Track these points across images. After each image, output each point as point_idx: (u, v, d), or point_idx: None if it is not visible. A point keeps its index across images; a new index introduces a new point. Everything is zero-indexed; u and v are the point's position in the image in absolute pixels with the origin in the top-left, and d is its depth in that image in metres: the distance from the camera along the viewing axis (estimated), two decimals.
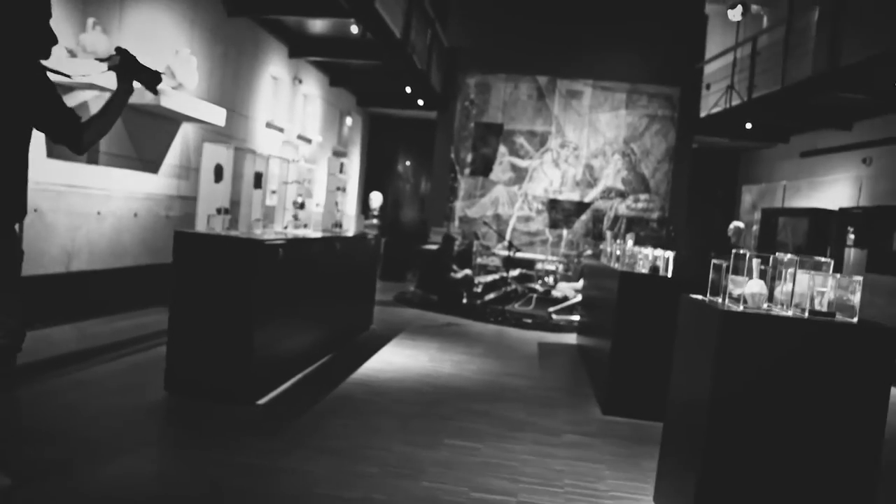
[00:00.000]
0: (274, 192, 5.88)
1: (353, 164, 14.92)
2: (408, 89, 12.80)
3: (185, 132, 8.26)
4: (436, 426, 4.58)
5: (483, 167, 14.62)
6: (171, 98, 6.86)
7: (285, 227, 6.08)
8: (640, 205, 14.49)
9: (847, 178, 11.52)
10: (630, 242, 6.73)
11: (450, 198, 14.64)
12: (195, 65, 7.58)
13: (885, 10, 9.46)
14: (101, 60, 4.12)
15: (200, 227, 4.81)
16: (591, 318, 7.50)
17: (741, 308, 3.00)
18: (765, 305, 3.06)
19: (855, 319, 2.94)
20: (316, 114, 12.49)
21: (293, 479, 3.44)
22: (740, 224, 11.26)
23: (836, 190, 11.82)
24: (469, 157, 14.65)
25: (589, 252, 13.61)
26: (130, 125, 7.13)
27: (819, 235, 10.12)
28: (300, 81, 11.52)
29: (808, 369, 2.90)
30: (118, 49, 3.13)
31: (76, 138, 2.91)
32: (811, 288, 3.00)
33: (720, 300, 3.15)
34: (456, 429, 4.56)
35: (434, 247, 12.55)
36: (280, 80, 10.80)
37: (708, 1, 15.43)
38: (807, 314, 2.97)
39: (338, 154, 13.83)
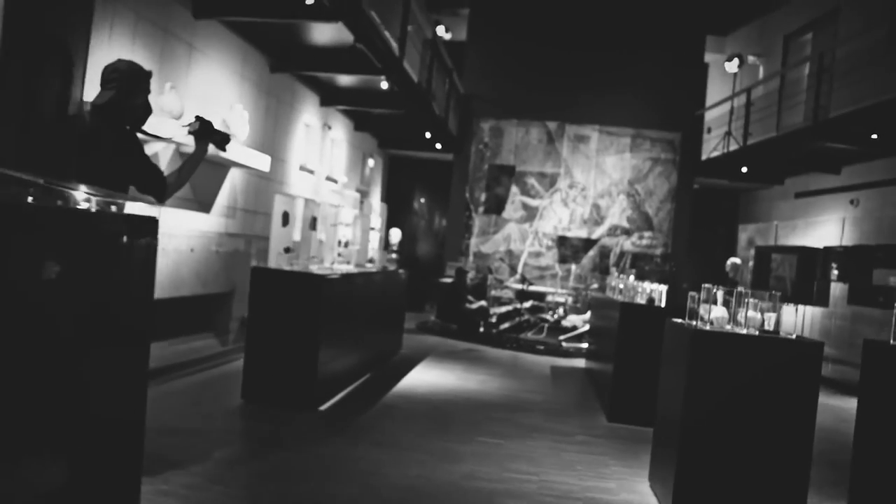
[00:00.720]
0: (317, 231, 6.94)
1: (375, 202, 16.03)
2: (427, 135, 13.95)
3: (233, 176, 9.37)
4: (468, 428, 5.59)
5: (496, 206, 15.72)
6: (233, 149, 7.99)
7: (332, 264, 7.14)
8: (644, 241, 15.53)
9: (836, 218, 12.55)
10: (631, 277, 7.76)
11: (465, 234, 15.72)
12: (246, 118, 8.73)
13: (866, 69, 10.60)
14: (184, 126, 5.12)
15: (272, 263, 5.86)
16: (597, 344, 8.51)
17: (707, 327, 4.02)
18: (727, 326, 4.08)
19: (794, 336, 3.96)
20: (342, 156, 13.64)
21: (362, 463, 4.44)
22: (737, 260, 12.30)
23: (826, 229, 12.84)
24: (483, 197, 15.77)
25: (595, 286, 14.62)
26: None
27: (807, 271, 11.14)
28: (329, 127, 12.68)
29: (759, 371, 3.91)
30: (198, 117, 3.98)
31: (161, 192, 3.80)
32: (762, 312, 4.02)
33: (694, 322, 4.17)
34: (484, 430, 5.56)
35: (450, 280, 13.60)
36: (311, 127, 11.95)
37: (707, 51, 16.69)
38: (757, 332, 3.98)
39: (361, 193, 14.97)
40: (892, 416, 4.16)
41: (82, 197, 2.70)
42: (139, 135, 3.85)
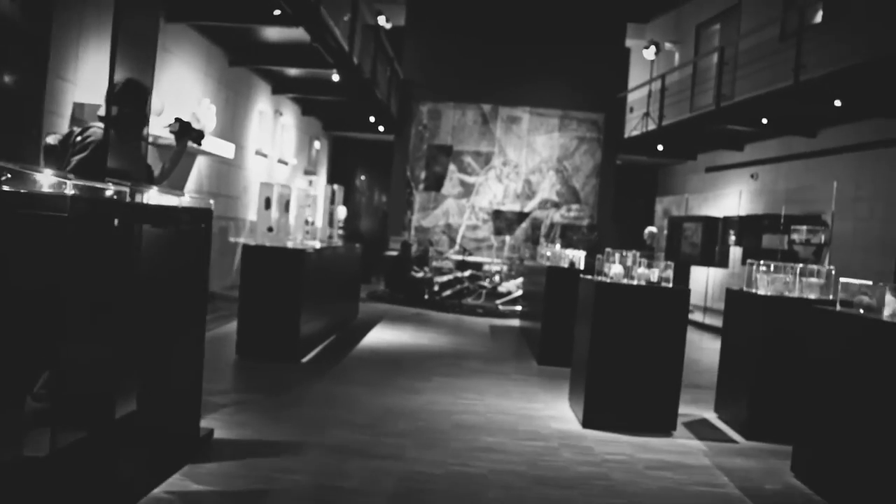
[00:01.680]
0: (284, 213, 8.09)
1: (321, 181, 17.09)
2: (371, 118, 15.10)
3: (199, 162, 10.38)
4: (424, 371, 6.93)
5: (435, 183, 17.00)
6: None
7: (301, 241, 8.31)
8: (572, 213, 17.09)
9: (738, 190, 14.32)
10: (557, 246, 9.19)
11: (407, 210, 16.97)
12: (214, 111, 9.75)
13: (763, 62, 12.24)
14: (165, 126, 5.93)
15: (259, 241, 7.00)
16: (529, 305, 9.96)
17: (608, 280, 5.44)
18: (623, 279, 5.50)
19: (669, 285, 5.41)
20: (291, 140, 14.68)
21: (346, 396, 5.72)
22: (654, 229, 13.94)
23: (731, 200, 14.60)
24: (423, 175, 17.02)
25: (528, 254, 16.12)
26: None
27: (710, 237, 12.85)
28: (280, 114, 13.71)
29: (644, 313, 5.34)
30: (177, 118, 4.97)
31: (153, 184, 4.84)
32: (650, 270, 5.46)
33: (598, 278, 5.58)
34: (438, 372, 6.92)
35: (394, 253, 14.88)
36: (264, 114, 12.96)
37: (629, 37, 18.26)
38: (644, 283, 5.42)
39: (308, 173, 16.04)
40: (743, 345, 5.68)
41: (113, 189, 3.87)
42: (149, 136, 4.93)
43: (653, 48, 16.72)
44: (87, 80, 7.01)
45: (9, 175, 2.81)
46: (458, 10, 16.83)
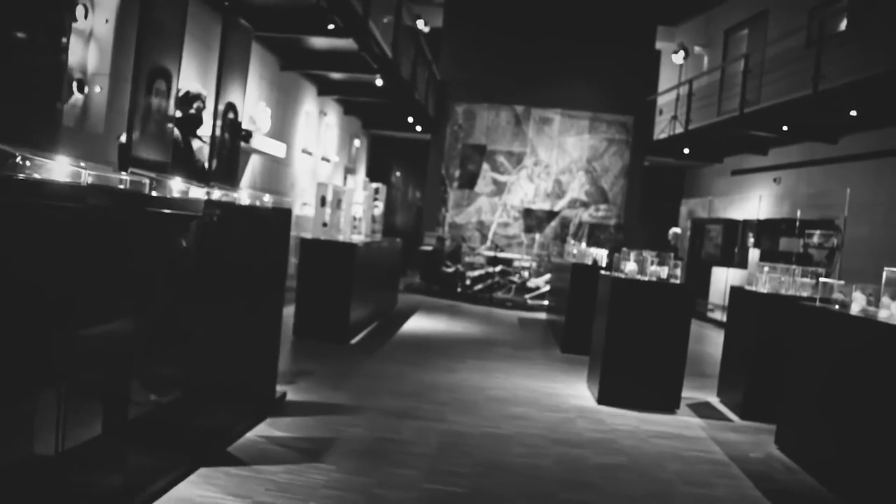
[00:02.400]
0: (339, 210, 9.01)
1: (360, 178, 18.05)
2: (410, 119, 15.99)
3: (253, 161, 11.36)
4: (459, 354, 7.81)
5: (469, 181, 17.86)
6: (257, 140, 10.00)
7: (350, 235, 9.24)
8: (600, 213, 17.84)
9: (762, 194, 14.96)
10: (583, 244, 10.00)
11: (441, 207, 17.87)
12: (269, 113, 10.71)
13: (788, 69, 12.88)
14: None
15: (315, 235, 7.93)
16: (555, 299, 10.78)
17: (622, 276, 6.27)
18: (636, 276, 6.32)
19: (678, 281, 6.22)
20: (333, 139, 15.64)
21: (393, 372, 6.63)
22: (678, 230, 14.64)
23: (753, 203, 15.25)
24: (457, 173, 17.89)
25: (556, 252, 16.92)
26: None
27: (730, 239, 13.56)
28: (325, 114, 14.66)
29: (653, 306, 6.16)
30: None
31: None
32: (660, 266, 6.28)
33: (615, 274, 6.41)
34: (471, 356, 7.80)
35: (429, 248, 15.79)
36: (310, 115, 13.92)
37: (660, 39, 18.93)
38: (656, 279, 6.24)
39: (348, 171, 17.00)
40: (742, 336, 6.48)
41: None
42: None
43: (682, 53, 17.40)
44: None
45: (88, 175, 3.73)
46: (493, 13, 17.64)
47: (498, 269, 14.95)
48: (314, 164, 14.33)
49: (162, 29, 4.58)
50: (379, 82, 12.20)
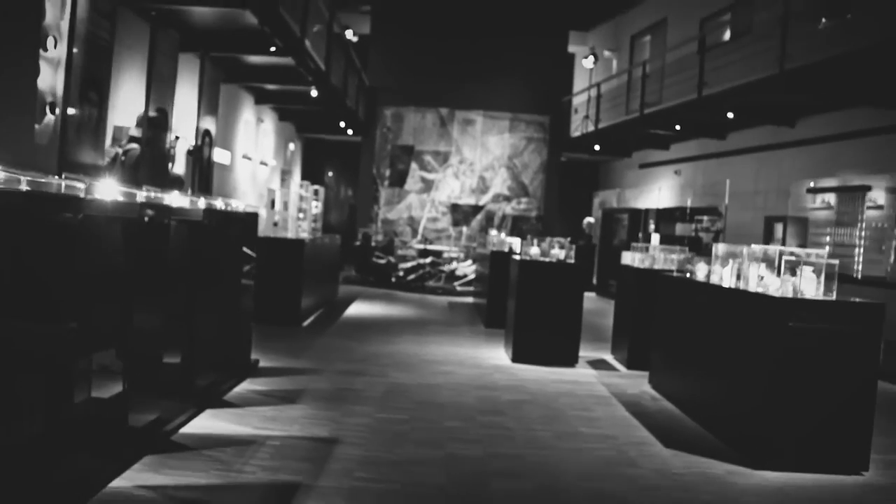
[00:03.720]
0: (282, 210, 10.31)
1: (295, 180, 19.23)
2: (342, 124, 17.27)
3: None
4: (396, 332, 9.24)
5: (399, 180, 19.26)
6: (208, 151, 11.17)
7: (297, 232, 10.53)
8: (522, 206, 19.51)
9: (662, 185, 16.85)
10: (502, 235, 11.53)
11: (374, 204, 19.22)
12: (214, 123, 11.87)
13: (683, 73, 14.69)
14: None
15: (267, 233, 9.19)
16: (480, 284, 12.31)
17: (528, 258, 7.80)
18: (539, 258, 7.85)
19: (572, 261, 7.79)
20: (270, 144, 16.79)
21: (342, 346, 7.99)
22: (591, 219, 16.42)
23: (655, 194, 17.12)
24: (388, 172, 19.27)
25: (481, 243, 18.49)
26: None
27: (635, 226, 15.38)
28: (262, 121, 15.82)
29: (554, 283, 7.70)
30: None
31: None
32: (560, 249, 7.82)
33: (522, 257, 7.93)
34: (407, 332, 9.23)
35: (359, 243, 17.16)
36: (248, 122, 15.05)
37: (574, 43, 20.72)
38: (555, 260, 7.78)
39: (284, 173, 18.17)
40: (627, 303, 8.09)
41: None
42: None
43: (591, 58, 19.19)
44: (118, 106, 9.10)
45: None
46: (418, 21, 19.08)
47: (429, 260, 16.41)
48: (253, 169, 15.47)
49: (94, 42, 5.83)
50: (314, 93, 13.46)
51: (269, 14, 9.61)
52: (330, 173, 22.87)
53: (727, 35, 14.99)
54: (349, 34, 17.24)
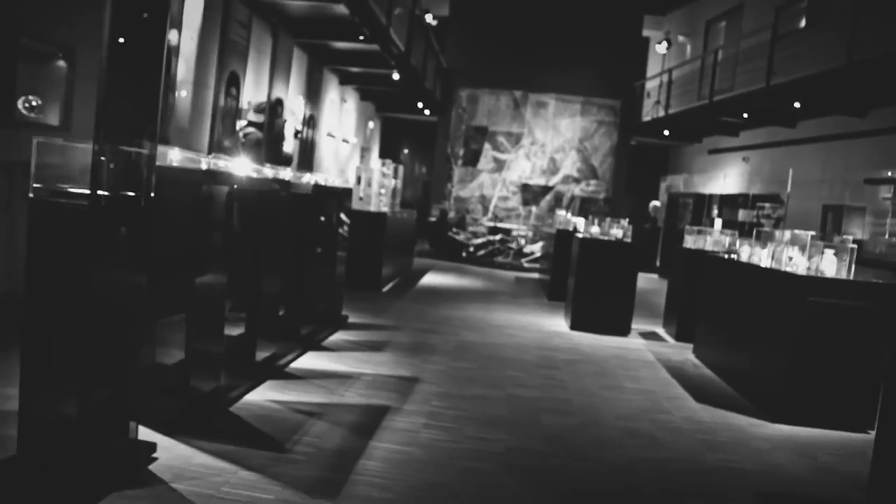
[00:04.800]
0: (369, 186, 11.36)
1: (374, 157, 20.38)
2: (419, 104, 18.29)
3: (293, 145, 13.66)
4: (466, 300, 10.23)
5: (472, 159, 20.19)
6: (292, 129, 12.32)
7: (379, 206, 11.57)
8: (590, 188, 20.20)
9: (728, 171, 17.30)
10: (568, 214, 12.36)
11: (447, 182, 20.22)
12: (304, 104, 13.02)
13: (755, 62, 15.11)
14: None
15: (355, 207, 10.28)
16: (545, 262, 13.18)
17: (587, 235, 8.66)
18: (600, 237, 8.70)
19: (629, 241, 8.61)
20: (351, 122, 17.95)
21: (416, 309, 9.04)
22: (657, 203, 17.04)
23: (722, 180, 17.57)
24: (461, 152, 20.22)
25: (549, 223, 19.31)
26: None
27: (699, 210, 15.95)
28: (345, 101, 16.96)
29: (611, 259, 8.54)
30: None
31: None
32: (619, 229, 8.65)
33: (583, 235, 8.79)
34: (476, 301, 10.22)
35: (435, 218, 18.18)
36: (333, 102, 16.20)
37: (648, 28, 21.15)
38: (614, 239, 8.62)
39: (364, 150, 19.33)
40: (678, 280, 8.87)
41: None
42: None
43: (664, 43, 19.63)
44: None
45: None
46: (496, 4, 19.87)
47: (498, 237, 17.34)
48: (336, 146, 16.65)
49: (235, 47, 6.97)
50: (396, 76, 14.49)
51: (359, 5, 10.63)
52: (405, 151, 23.97)
53: (803, 23, 15.28)
54: (429, 18, 18.14)
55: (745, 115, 15.16)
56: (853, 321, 5.36)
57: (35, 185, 3.15)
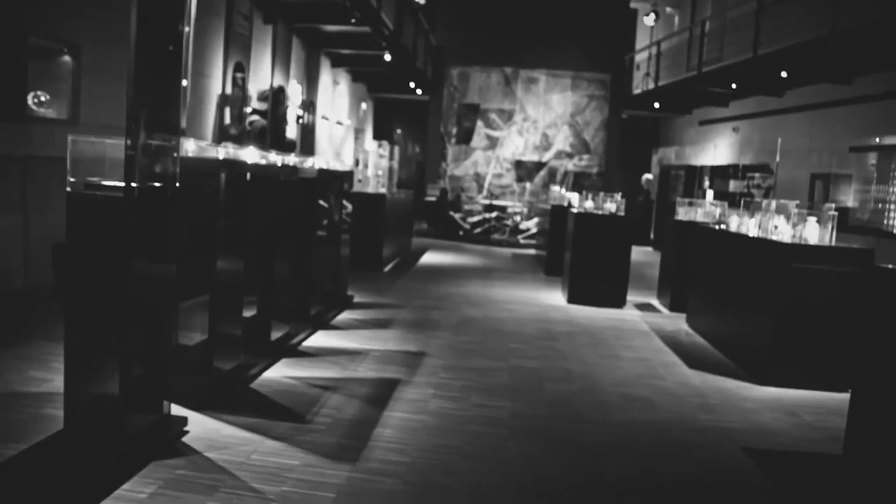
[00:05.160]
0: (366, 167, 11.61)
1: (368, 138, 20.58)
2: (412, 84, 18.46)
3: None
4: (465, 277, 10.53)
5: (465, 137, 20.41)
6: (294, 113, 12.54)
7: (377, 188, 11.83)
8: (583, 162, 20.45)
9: (718, 142, 17.56)
10: (563, 190, 12.64)
11: (441, 161, 20.44)
12: (300, 90, 13.22)
13: (742, 32, 15.31)
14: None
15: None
16: (541, 237, 13.47)
17: (582, 210, 8.94)
18: (594, 211, 8.98)
19: (622, 214, 8.90)
20: (345, 104, 18.13)
21: (419, 287, 9.33)
22: (650, 175, 17.30)
23: (716, 151, 17.84)
24: (454, 130, 20.43)
25: (543, 198, 19.59)
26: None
27: (690, 182, 16.23)
28: (337, 83, 17.13)
29: (605, 233, 8.84)
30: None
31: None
32: (612, 203, 8.94)
33: (578, 209, 9.08)
34: (475, 278, 10.52)
35: (433, 199, 18.43)
36: (326, 85, 16.37)
37: (633, 0, 21.30)
38: (608, 213, 8.91)
39: (357, 132, 19.52)
40: (670, 251, 9.17)
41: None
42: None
43: (652, 15, 19.79)
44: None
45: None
46: None
47: (494, 214, 17.62)
48: (330, 128, 16.85)
49: (239, 38, 7.21)
50: (388, 58, 14.67)
51: None
52: (398, 131, 24.14)
53: None
54: None
55: (734, 86, 15.39)
56: (834, 285, 5.67)
57: (71, 180, 3.42)
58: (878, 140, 11.60)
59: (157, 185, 3.62)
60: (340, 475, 3.50)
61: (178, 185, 3.71)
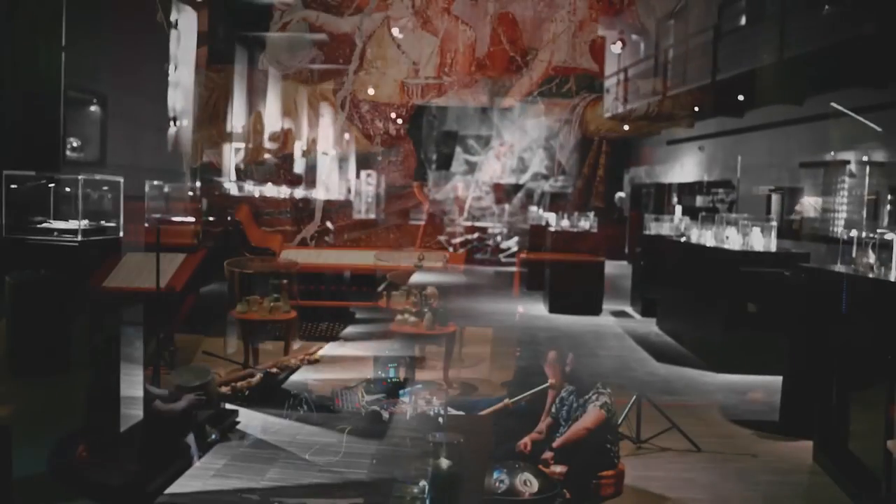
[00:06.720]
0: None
1: (352, 167, 21.46)
2: (392, 115, 19.43)
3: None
4: (455, 294, 11.39)
5: (445, 163, 21.40)
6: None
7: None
8: (559, 183, 21.50)
9: (685, 161, 18.68)
10: (540, 210, 13.61)
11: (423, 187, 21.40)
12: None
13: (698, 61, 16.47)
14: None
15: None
16: (522, 255, 14.41)
17: (559, 228, 9.89)
18: (570, 229, 9.92)
19: (595, 231, 9.86)
20: (329, 135, 19.03)
21: None
22: (622, 194, 18.35)
23: (679, 169, 18.94)
24: (434, 156, 21.42)
25: (522, 219, 20.58)
26: None
27: (660, 199, 17.30)
28: (322, 114, 18.05)
29: (577, 246, 9.77)
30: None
31: None
32: (586, 221, 9.90)
33: (555, 228, 10.02)
34: (462, 295, 11.40)
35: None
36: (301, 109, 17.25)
37: (602, 28, 22.50)
38: (581, 230, 9.86)
39: (342, 161, 20.40)
40: (639, 264, 10.13)
41: None
42: None
43: (619, 43, 20.96)
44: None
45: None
46: None
47: (475, 235, 18.58)
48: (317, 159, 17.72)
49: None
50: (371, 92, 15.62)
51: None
52: (379, 158, 25.10)
53: (743, 20, 16.67)
54: (395, 32, 19.35)
55: (696, 109, 16.52)
56: (774, 284, 6.64)
57: (150, 217, 4.29)
58: (832, 154, 12.70)
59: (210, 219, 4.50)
60: None
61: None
